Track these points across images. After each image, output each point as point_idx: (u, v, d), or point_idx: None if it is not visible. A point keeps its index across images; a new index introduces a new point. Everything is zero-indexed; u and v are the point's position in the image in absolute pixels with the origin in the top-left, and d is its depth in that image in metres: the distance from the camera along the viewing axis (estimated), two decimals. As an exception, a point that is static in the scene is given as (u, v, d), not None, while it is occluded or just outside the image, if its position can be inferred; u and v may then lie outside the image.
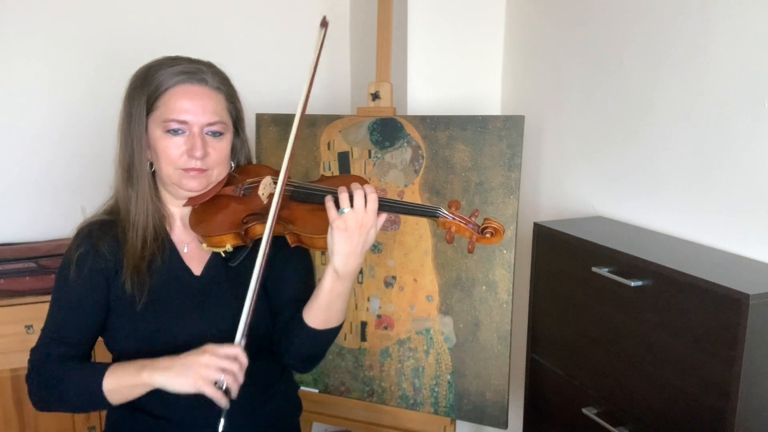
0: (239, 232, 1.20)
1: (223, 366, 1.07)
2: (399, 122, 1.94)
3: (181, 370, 1.08)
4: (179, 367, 1.09)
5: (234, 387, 1.08)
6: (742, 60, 1.34)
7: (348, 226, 1.10)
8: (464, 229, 1.16)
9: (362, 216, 1.11)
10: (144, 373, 1.11)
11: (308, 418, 2.11)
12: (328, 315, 1.19)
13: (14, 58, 2.25)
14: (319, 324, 1.20)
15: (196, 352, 1.09)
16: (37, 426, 2.12)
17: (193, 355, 1.09)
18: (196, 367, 1.07)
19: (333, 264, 1.14)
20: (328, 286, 1.16)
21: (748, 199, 1.35)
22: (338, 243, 1.12)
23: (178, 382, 1.08)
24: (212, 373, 1.06)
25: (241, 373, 1.09)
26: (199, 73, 1.21)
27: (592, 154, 1.80)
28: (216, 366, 1.07)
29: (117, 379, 1.13)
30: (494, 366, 1.86)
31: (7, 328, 2.03)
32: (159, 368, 1.10)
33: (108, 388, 1.13)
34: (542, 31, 1.98)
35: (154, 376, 1.10)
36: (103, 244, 1.23)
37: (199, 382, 1.06)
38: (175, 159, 1.20)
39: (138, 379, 1.11)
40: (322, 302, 1.18)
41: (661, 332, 1.28)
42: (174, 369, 1.09)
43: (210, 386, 1.06)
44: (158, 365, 1.11)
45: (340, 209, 1.10)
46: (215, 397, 1.06)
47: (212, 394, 1.06)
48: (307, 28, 2.60)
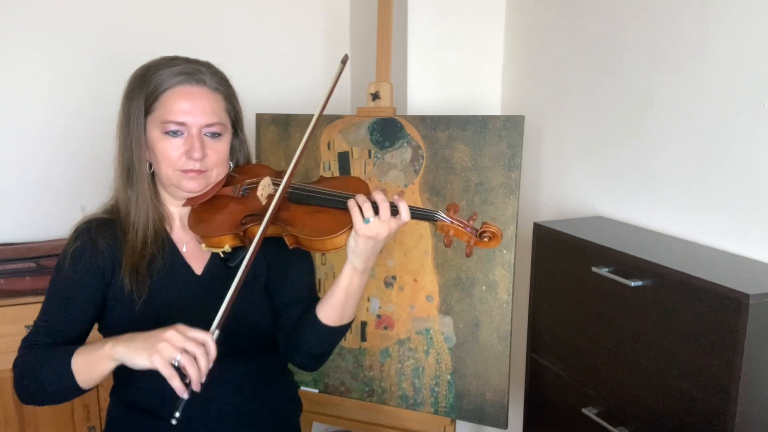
0: (238, 232, 1.20)
1: (185, 346, 1.00)
2: (399, 122, 1.94)
3: (142, 343, 1.02)
4: (141, 340, 1.03)
5: (192, 373, 0.99)
6: (742, 60, 1.34)
7: (376, 234, 1.11)
8: (462, 233, 1.16)
9: (389, 224, 1.12)
10: (107, 345, 1.06)
11: (308, 418, 2.11)
12: (344, 311, 1.20)
13: (14, 58, 2.25)
14: (333, 321, 1.21)
15: (164, 328, 1.03)
16: (37, 426, 2.12)
17: (159, 330, 1.03)
18: (157, 340, 1.01)
19: (353, 263, 1.16)
20: (346, 282, 1.17)
21: (748, 199, 1.35)
22: (361, 247, 1.13)
23: (135, 354, 1.02)
24: (171, 350, 0.99)
25: (206, 362, 1.01)
26: (198, 74, 1.21)
27: (592, 154, 1.80)
28: (177, 344, 1.00)
29: (84, 356, 1.09)
30: (494, 366, 1.86)
31: (7, 328, 2.03)
32: (122, 340, 1.06)
33: (76, 366, 1.09)
34: (542, 32, 1.98)
35: (116, 348, 1.05)
36: (102, 241, 1.22)
37: (155, 357, 0.99)
38: (173, 160, 1.19)
39: (101, 351, 1.06)
40: (339, 298, 1.19)
41: (661, 332, 1.28)
42: (136, 341, 1.03)
43: (164, 363, 0.99)
44: (123, 338, 1.06)
45: (365, 218, 1.10)
46: (169, 377, 0.99)
47: (167, 373, 0.99)
48: (307, 28, 2.61)
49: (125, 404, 1.27)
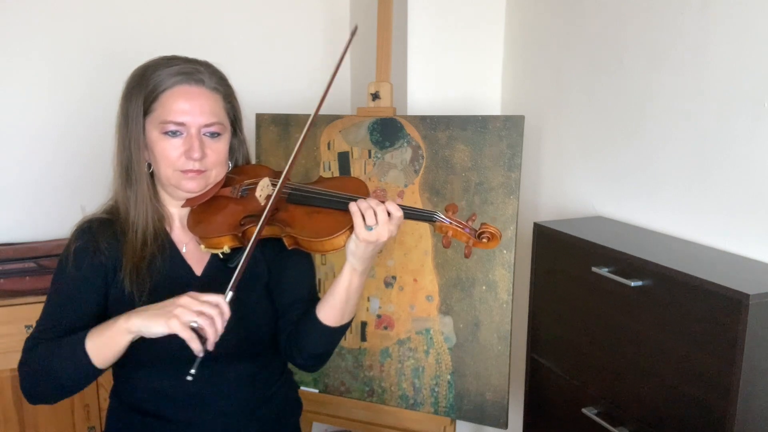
0: (237, 233, 1.19)
1: (201, 309, 1.04)
2: (399, 122, 1.94)
3: (158, 311, 1.05)
4: (156, 308, 1.06)
5: (210, 333, 1.03)
6: (742, 60, 1.34)
7: (377, 239, 1.12)
8: (461, 233, 1.16)
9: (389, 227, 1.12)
10: (121, 319, 1.08)
11: (308, 418, 2.11)
12: (344, 311, 1.21)
13: (14, 58, 2.25)
14: (333, 321, 1.21)
15: (177, 296, 1.06)
16: (37, 425, 2.12)
17: (173, 298, 1.06)
18: (172, 307, 1.04)
19: (352, 264, 1.16)
20: (346, 283, 1.18)
21: (748, 199, 1.35)
22: (362, 251, 1.14)
23: (152, 322, 1.05)
24: (188, 314, 1.03)
25: (221, 321, 1.05)
26: (196, 74, 1.20)
27: (592, 154, 1.80)
28: (194, 308, 1.04)
29: (98, 334, 1.10)
30: (494, 366, 1.86)
31: (7, 328, 2.03)
32: (136, 312, 1.08)
33: (91, 347, 1.10)
34: (542, 32, 1.98)
35: (131, 320, 1.07)
36: (103, 241, 1.22)
37: (173, 321, 1.02)
38: (173, 161, 1.19)
39: (116, 326, 1.08)
40: (339, 299, 1.19)
41: (661, 332, 1.28)
42: (151, 310, 1.06)
43: (185, 328, 1.02)
44: (136, 310, 1.09)
45: (367, 226, 1.11)
46: (189, 339, 1.02)
47: (186, 335, 1.02)
48: (307, 28, 2.61)
49: (125, 404, 1.27)
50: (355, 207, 1.12)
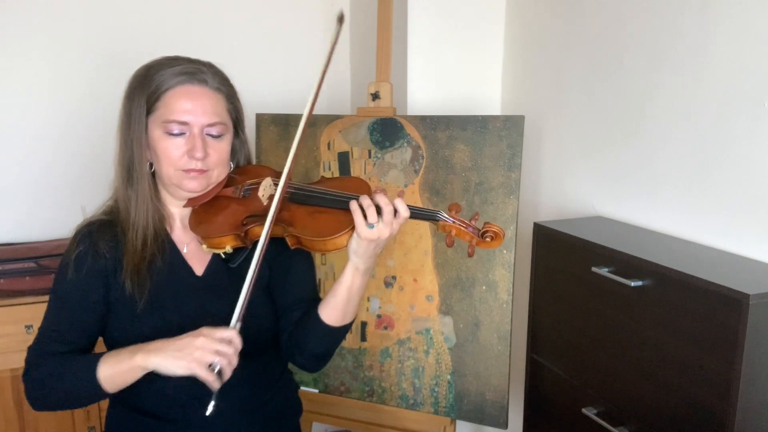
0: (239, 233, 1.19)
1: (217, 349, 1.06)
2: (399, 122, 1.94)
3: (176, 353, 1.08)
4: (174, 350, 1.08)
5: (227, 370, 1.07)
6: (742, 60, 1.34)
7: (378, 236, 1.12)
8: (464, 233, 1.16)
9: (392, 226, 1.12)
10: (138, 356, 1.10)
11: (308, 418, 2.11)
12: (346, 311, 1.21)
13: (14, 58, 2.25)
14: (335, 321, 1.21)
15: (191, 335, 1.09)
16: (37, 426, 2.12)
17: (188, 338, 1.08)
18: (191, 349, 1.07)
19: (354, 263, 1.16)
20: (348, 282, 1.18)
21: (748, 199, 1.35)
22: (363, 249, 1.14)
23: (172, 365, 1.07)
24: (207, 356, 1.06)
25: (235, 356, 1.08)
26: (199, 74, 1.20)
27: (592, 154, 1.80)
28: (211, 349, 1.06)
29: (111, 365, 1.13)
30: (494, 366, 1.86)
31: (7, 328, 2.03)
32: (153, 350, 1.10)
33: (103, 376, 1.13)
34: (542, 32, 1.98)
35: (149, 358, 1.09)
36: (103, 243, 1.22)
37: (193, 365, 1.05)
38: (175, 160, 1.19)
39: (132, 362, 1.10)
40: (341, 298, 1.19)
41: (661, 332, 1.28)
42: (168, 351, 1.08)
43: (204, 369, 1.05)
44: (152, 347, 1.10)
45: (368, 224, 1.11)
46: (208, 379, 1.05)
47: (205, 377, 1.05)
48: (307, 28, 2.61)
49: (125, 405, 1.27)
50: (355, 205, 1.12)
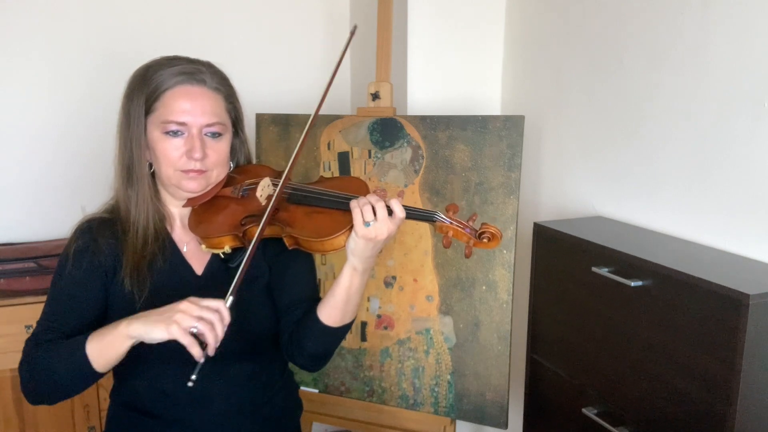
0: (237, 233, 1.19)
1: (201, 314, 1.04)
2: (399, 122, 1.94)
3: (158, 316, 1.06)
4: (156, 313, 1.07)
5: (210, 338, 1.03)
6: (742, 60, 1.34)
7: (375, 235, 1.11)
8: (461, 233, 1.16)
9: (388, 225, 1.12)
10: (122, 325, 1.08)
11: (308, 418, 2.11)
12: (345, 311, 1.21)
13: (14, 58, 2.25)
14: (334, 321, 1.21)
15: (177, 302, 1.07)
16: (37, 425, 2.12)
17: (173, 304, 1.06)
18: (172, 312, 1.04)
19: (352, 263, 1.16)
20: (347, 283, 1.17)
21: (748, 199, 1.35)
22: (361, 248, 1.13)
23: (152, 328, 1.04)
24: (188, 319, 1.03)
25: (221, 327, 1.05)
26: (198, 74, 1.21)
27: (592, 154, 1.80)
28: (194, 313, 1.04)
29: (98, 339, 1.10)
30: (494, 366, 1.86)
31: (7, 328, 2.03)
32: (136, 317, 1.08)
33: (91, 352, 1.10)
34: (542, 32, 1.98)
35: (131, 325, 1.07)
36: (103, 240, 1.22)
37: (173, 327, 1.02)
38: (174, 160, 1.19)
39: (116, 331, 1.08)
40: (340, 299, 1.19)
41: (661, 332, 1.28)
42: (151, 316, 1.07)
43: (185, 333, 1.03)
44: (136, 315, 1.09)
45: (365, 222, 1.11)
46: (189, 345, 1.02)
47: (186, 341, 1.02)
48: (307, 28, 2.61)
49: (125, 404, 1.27)
50: (354, 203, 1.12)
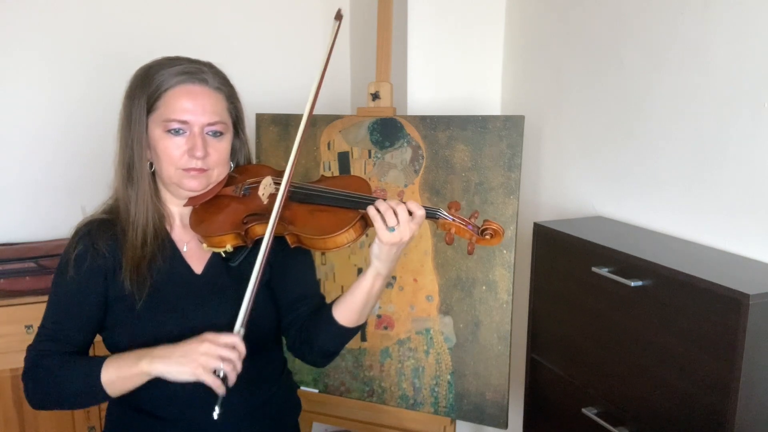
0: (239, 232, 1.20)
1: (222, 354, 1.07)
2: (399, 122, 1.94)
3: (181, 358, 1.08)
4: (178, 356, 1.09)
5: (232, 375, 1.08)
6: (742, 60, 1.34)
7: (400, 239, 1.12)
8: (464, 230, 1.16)
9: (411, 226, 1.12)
10: (143, 362, 1.11)
11: (308, 418, 2.10)
12: (362, 313, 1.22)
13: (15, 58, 2.25)
14: (350, 322, 1.22)
15: (195, 341, 1.10)
16: (37, 426, 2.12)
17: (192, 344, 1.09)
18: (196, 355, 1.08)
19: (377, 269, 1.17)
20: (368, 286, 1.18)
21: (748, 199, 1.35)
22: (386, 253, 1.14)
23: (177, 371, 1.08)
24: (211, 362, 1.07)
25: (240, 361, 1.09)
26: (200, 73, 1.21)
27: (592, 154, 1.80)
28: (215, 354, 1.07)
29: (115, 370, 1.13)
30: (494, 366, 1.86)
31: (7, 328, 2.03)
32: (158, 357, 1.11)
33: (106, 380, 1.13)
34: (542, 32, 1.98)
35: (153, 365, 1.10)
36: (102, 242, 1.22)
37: (199, 370, 1.06)
38: (175, 159, 1.20)
39: (137, 368, 1.11)
40: (359, 301, 1.20)
41: (661, 332, 1.28)
42: (173, 357, 1.09)
43: (209, 374, 1.07)
44: (156, 354, 1.11)
45: (389, 227, 1.11)
46: (214, 385, 1.07)
47: (211, 382, 1.07)
48: (307, 28, 2.61)
49: (125, 405, 1.26)
50: (374, 210, 1.13)
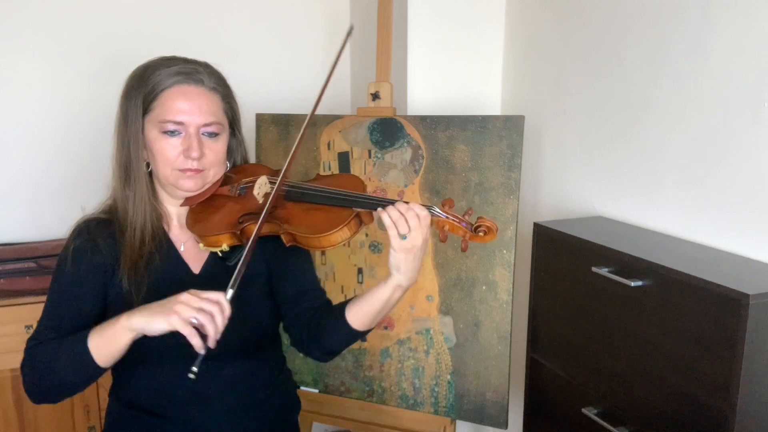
0: (235, 231, 1.20)
1: (201, 305, 1.04)
2: (399, 122, 1.94)
3: (158, 308, 1.06)
4: (157, 306, 1.07)
5: (211, 331, 1.03)
6: (742, 60, 1.34)
7: (413, 245, 1.11)
8: (457, 227, 1.16)
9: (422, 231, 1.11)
10: (122, 318, 1.08)
11: (308, 418, 2.10)
12: (375, 319, 1.21)
13: (15, 58, 2.25)
14: (362, 326, 1.21)
15: (177, 294, 1.07)
16: (37, 426, 2.12)
17: (174, 296, 1.07)
18: (173, 303, 1.05)
19: (398, 280, 1.15)
20: (387, 296, 1.17)
21: (748, 199, 1.35)
22: (403, 261, 1.13)
23: (154, 320, 1.05)
24: (189, 310, 1.03)
25: (222, 318, 1.05)
26: (196, 74, 1.21)
27: (592, 153, 1.80)
28: (194, 304, 1.04)
29: (99, 333, 1.11)
30: (494, 366, 1.86)
31: (7, 328, 2.03)
32: (136, 311, 1.09)
33: (93, 346, 1.11)
34: (542, 32, 1.98)
35: (132, 318, 1.07)
36: (101, 240, 1.23)
37: (173, 318, 1.03)
38: (171, 159, 1.20)
39: (117, 325, 1.09)
40: (375, 308, 1.18)
41: (661, 332, 1.28)
42: (152, 308, 1.07)
43: (185, 324, 1.03)
44: (136, 309, 1.09)
45: (401, 235, 1.10)
46: (190, 335, 1.03)
47: (187, 332, 1.03)
48: (307, 28, 2.61)
49: (124, 404, 1.27)
50: (388, 219, 1.11)
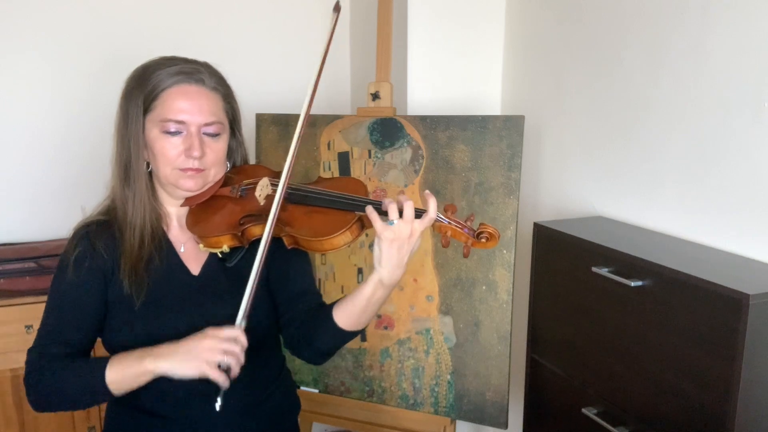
0: (236, 233, 1.20)
1: (225, 348, 1.09)
2: (399, 122, 1.94)
3: (185, 355, 1.10)
4: (183, 353, 1.10)
5: (236, 368, 1.09)
6: (742, 60, 1.34)
7: (399, 236, 1.10)
8: (460, 233, 1.15)
9: (413, 225, 1.10)
10: (147, 361, 1.11)
11: (308, 418, 2.10)
12: (362, 318, 1.20)
13: (15, 58, 2.25)
14: (349, 326, 1.21)
15: (198, 336, 1.11)
16: (37, 426, 2.12)
17: (195, 340, 1.10)
18: (199, 351, 1.09)
19: (379, 274, 1.14)
20: (369, 293, 1.16)
21: (748, 199, 1.35)
22: (387, 254, 1.11)
23: (182, 368, 1.09)
24: (216, 356, 1.08)
25: (242, 353, 1.10)
26: (196, 74, 1.21)
27: (592, 153, 1.80)
28: (219, 349, 1.08)
29: (120, 370, 1.13)
30: (494, 366, 1.86)
31: (7, 328, 2.03)
32: (162, 355, 1.11)
33: (111, 380, 1.13)
34: (542, 32, 1.98)
35: (158, 363, 1.10)
36: (101, 243, 1.23)
37: (203, 366, 1.08)
38: (172, 159, 1.20)
39: (141, 367, 1.11)
40: (359, 307, 1.18)
41: (661, 332, 1.28)
42: (178, 355, 1.10)
43: (214, 369, 1.08)
44: (160, 352, 1.12)
45: (389, 220, 1.09)
46: (219, 379, 1.08)
47: (216, 376, 1.08)
48: (307, 28, 2.61)
49: (125, 404, 1.27)
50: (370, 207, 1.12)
